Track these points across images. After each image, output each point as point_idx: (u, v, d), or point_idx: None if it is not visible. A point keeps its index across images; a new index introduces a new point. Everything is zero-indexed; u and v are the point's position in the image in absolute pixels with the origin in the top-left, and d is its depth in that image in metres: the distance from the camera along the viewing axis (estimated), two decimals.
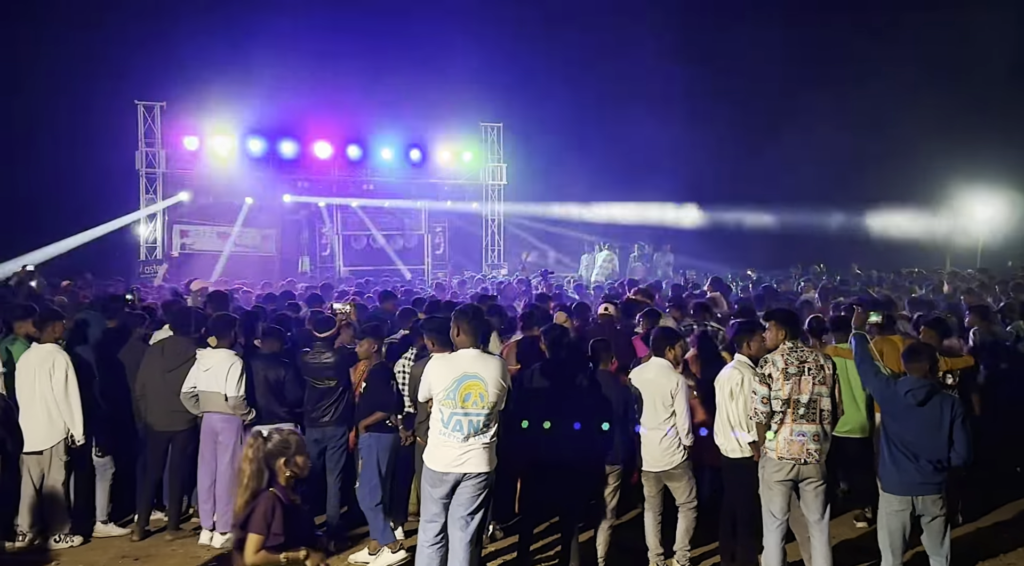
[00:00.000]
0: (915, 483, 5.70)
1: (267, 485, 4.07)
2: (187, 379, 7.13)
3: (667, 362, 6.63)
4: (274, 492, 4.05)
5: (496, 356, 5.82)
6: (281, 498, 4.05)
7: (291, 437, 4.17)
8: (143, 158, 21.46)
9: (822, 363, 6.03)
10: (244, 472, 4.07)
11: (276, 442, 4.12)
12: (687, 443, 6.52)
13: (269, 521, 3.98)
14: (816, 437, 5.95)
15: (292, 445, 4.15)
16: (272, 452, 4.10)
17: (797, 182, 23.48)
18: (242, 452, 4.08)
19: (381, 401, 6.86)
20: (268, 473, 4.08)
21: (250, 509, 4.02)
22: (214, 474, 7.18)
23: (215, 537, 7.15)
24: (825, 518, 6.09)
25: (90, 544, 7.19)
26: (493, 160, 25.31)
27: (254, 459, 4.07)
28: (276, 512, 3.99)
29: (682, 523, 6.65)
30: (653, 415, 6.53)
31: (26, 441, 6.60)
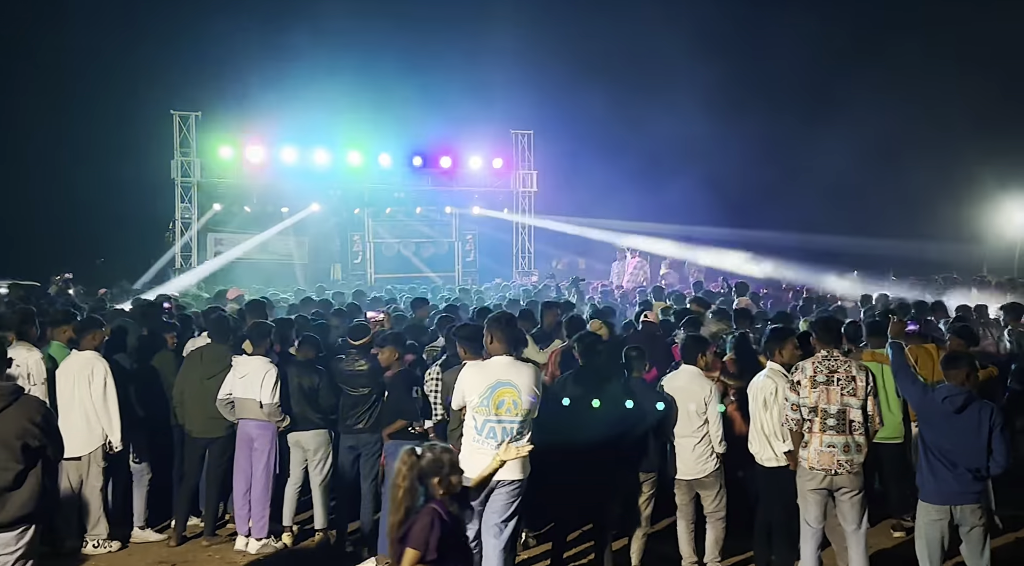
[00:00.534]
0: (953, 492, 5.63)
1: (423, 502, 4.08)
2: (223, 386, 7.20)
3: (698, 369, 6.61)
4: (434, 507, 4.05)
5: (529, 363, 5.83)
6: (441, 513, 4.05)
7: (444, 456, 4.15)
8: (178, 167, 21.73)
9: (854, 374, 5.96)
10: (398, 489, 4.06)
11: (429, 461, 4.10)
12: (719, 451, 6.49)
13: (427, 536, 3.98)
14: (847, 448, 5.90)
15: (446, 464, 4.13)
16: (426, 471, 4.09)
17: (832, 185, 23.28)
18: (394, 469, 4.07)
19: (402, 409, 6.85)
20: (422, 490, 4.08)
21: (409, 524, 4.02)
22: (249, 480, 7.24)
23: (251, 543, 7.20)
24: (862, 527, 6.04)
25: (127, 549, 7.27)
26: (524, 167, 25.34)
27: (408, 477, 4.06)
28: (435, 528, 3.99)
29: (711, 534, 6.61)
30: (686, 423, 6.50)
31: (65, 447, 6.72)
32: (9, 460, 4.68)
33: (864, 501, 6.04)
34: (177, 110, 21.78)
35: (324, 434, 7.44)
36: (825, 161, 23.80)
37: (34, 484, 4.74)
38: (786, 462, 6.18)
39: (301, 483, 7.52)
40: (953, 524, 5.68)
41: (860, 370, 6.00)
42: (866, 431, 5.96)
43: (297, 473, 7.50)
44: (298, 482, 7.51)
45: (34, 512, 4.78)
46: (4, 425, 4.69)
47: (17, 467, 4.69)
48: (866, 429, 5.96)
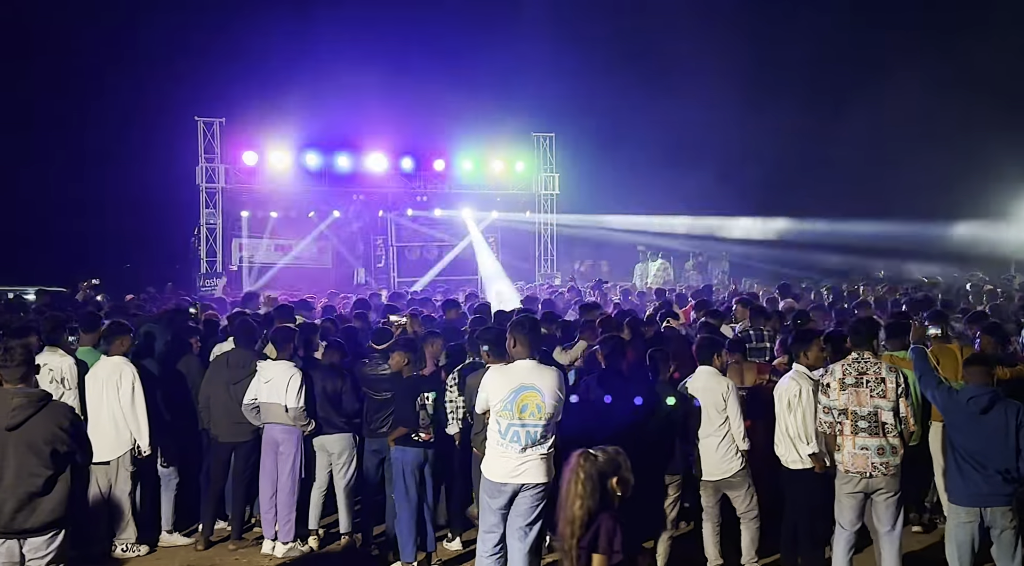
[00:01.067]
0: (983, 494, 5.57)
1: (601, 504, 4.10)
2: (248, 390, 7.24)
3: (714, 369, 6.61)
4: (614, 514, 4.08)
5: (553, 367, 5.81)
6: (618, 518, 4.08)
7: (619, 456, 4.18)
8: (203, 173, 21.94)
9: (883, 376, 5.91)
10: (575, 491, 4.08)
11: (605, 460, 4.13)
12: (743, 447, 6.45)
13: (611, 540, 4.03)
14: (881, 450, 5.86)
15: (621, 464, 4.16)
16: (604, 471, 4.12)
17: (859, 190, 23.11)
18: (570, 472, 4.10)
19: (403, 416, 6.82)
20: (600, 492, 4.10)
21: (595, 529, 4.05)
22: (276, 484, 7.28)
23: (277, 546, 7.24)
24: (896, 530, 6.00)
25: (156, 553, 7.32)
26: (546, 170, 25.36)
27: (587, 479, 4.08)
28: (618, 532, 4.04)
29: (746, 534, 6.57)
30: (708, 423, 6.48)
31: (94, 452, 6.80)
32: (38, 466, 4.74)
33: (900, 503, 6.01)
34: (201, 117, 21.98)
35: (348, 438, 7.46)
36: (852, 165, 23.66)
37: (63, 489, 4.80)
38: (811, 464, 6.14)
39: (326, 487, 7.54)
40: (984, 527, 5.62)
41: (891, 372, 5.94)
42: (901, 433, 5.90)
43: (322, 477, 7.53)
44: (323, 486, 7.54)
45: (63, 517, 4.83)
46: (33, 431, 4.75)
47: (46, 472, 4.75)
48: (901, 431, 5.90)
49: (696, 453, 6.53)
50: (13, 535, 4.76)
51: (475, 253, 24.64)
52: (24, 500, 4.73)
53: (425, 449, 6.79)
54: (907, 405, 5.91)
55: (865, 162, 23.85)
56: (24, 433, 4.74)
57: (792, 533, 6.44)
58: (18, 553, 4.79)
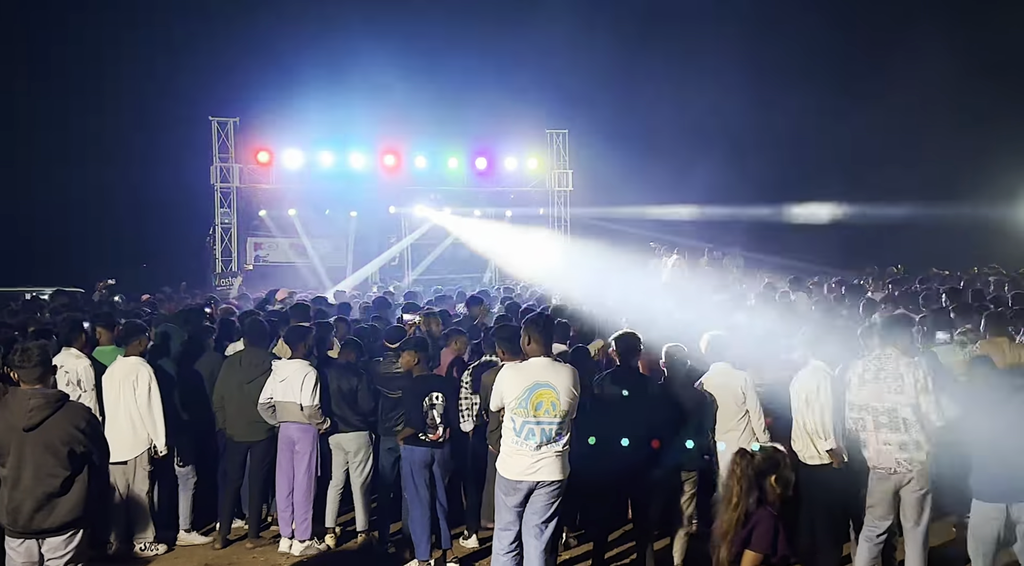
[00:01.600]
0: (1009, 490, 5.52)
1: (757, 503, 4.09)
2: (264, 390, 7.26)
3: (728, 364, 6.60)
4: (772, 513, 4.07)
5: (568, 364, 5.79)
6: (778, 517, 4.06)
7: (778, 454, 4.16)
8: (217, 173, 22.00)
9: (901, 372, 5.86)
10: (732, 490, 4.08)
11: (763, 459, 4.12)
12: (763, 440, 6.39)
13: (772, 539, 4.02)
14: (903, 446, 5.84)
15: (780, 461, 4.14)
16: (761, 469, 4.10)
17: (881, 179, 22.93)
18: (728, 471, 4.13)
19: (411, 416, 6.82)
20: (758, 491, 4.09)
21: (751, 527, 4.05)
22: (292, 483, 7.29)
23: (294, 545, 7.26)
24: (921, 525, 5.95)
25: (174, 552, 7.36)
26: (559, 166, 25.29)
27: (743, 477, 4.08)
28: (781, 532, 4.03)
29: None
30: (727, 418, 6.46)
31: (111, 452, 6.83)
32: (56, 466, 4.77)
33: (927, 499, 5.94)
34: (215, 116, 22.05)
35: (364, 436, 7.47)
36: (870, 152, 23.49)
37: (81, 489, 4.82)
38: (829, 460, 6.09)
39: (343, 485, 7.55)
40: (1009, 523, 5.57)
41: (909, 368, 5.88)
42: (925, 429, 5.83)
43: (339, 475, 7.54)
44: (340, 484, 7.55)
45: (82, 517, 4.86)
46: (50, 431, 4.77)
47: (64, 473, 4.78)
48: (925, 427, 5.83)
49: (715, 449, 6.49)
50: (32, 535, 4.79)
51: None
52: (42, 500, 4.75)
53: (433, 449, 6.79)
54: (930, 401, 5.83)
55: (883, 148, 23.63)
56: (41, 434, 4.76)
57: (810, 529, 6.39)
58: (37, 553, 4.82)
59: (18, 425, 4.76)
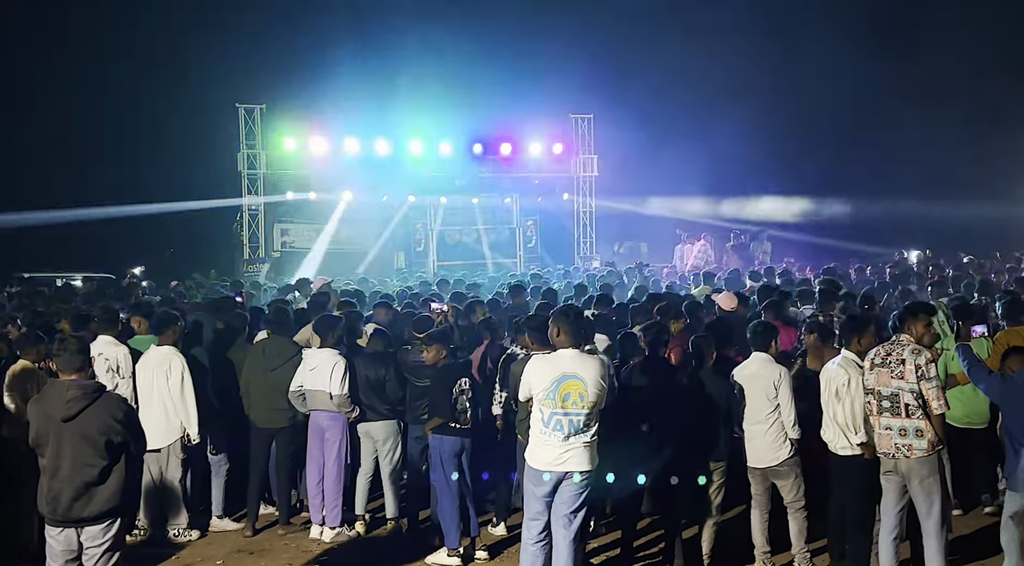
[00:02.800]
0: None
1: None
2: (295, 378, 7.33)
3: (768, 355, 6.52)
4: None
5: (596, 356, 5.80)
6: None
7: None
8: (244, 159, 22.15)
9: (904, 357, 5.80)
10: None
11: None
12: (793, 436, 6.39)
13: None
14: (903, 432, 5.79)
15: None
16: None
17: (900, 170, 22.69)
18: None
19: (438, 405, 6.82)
20: None
21: None
22: (322, 470, 7.36)
23: (325, 531, 7.33)
24: (931, 518, 5.82)
25: (207, 538, 7.46)
26: (584, 152, 25.21)
27: None
28: None
29: (794, 525, 6.51)
30: (757, 410, 6.42)
31: None
32: (94, 456, 4.85)
33: (934, 489, 5.80)
34: (242, 103, 22.17)
35: (393, 425, 7.52)
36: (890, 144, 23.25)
37: (118, 479, 4.91)
38: (860, 451, 6.07)
39: (372, 473, 7.61)
40: None
41: (913, 354, 5.80)
42: (928, 415, 5.76)
43: (368, 463, 7.59)
44: (369, 472, 7.60)
45: (119, 506, 4.95)
46: (88, 422, 4.85)
47: (101, 463, 4.86)
48: (927, 414, 5.76)
49: (742, 440, 6.49)
50: (71, 524, 4.88)
51: (515, 236, 24.59)
52: (80, 490, 4.84)
53: (462, 437, 6.82)
54: (930, 388, 5.75)
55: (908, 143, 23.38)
56: (79, 424, 4.84)
57: (840, 518, 6.38)
58: (76, 541, 4.91)
59: (56, 416, 4.85)
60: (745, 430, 6.51)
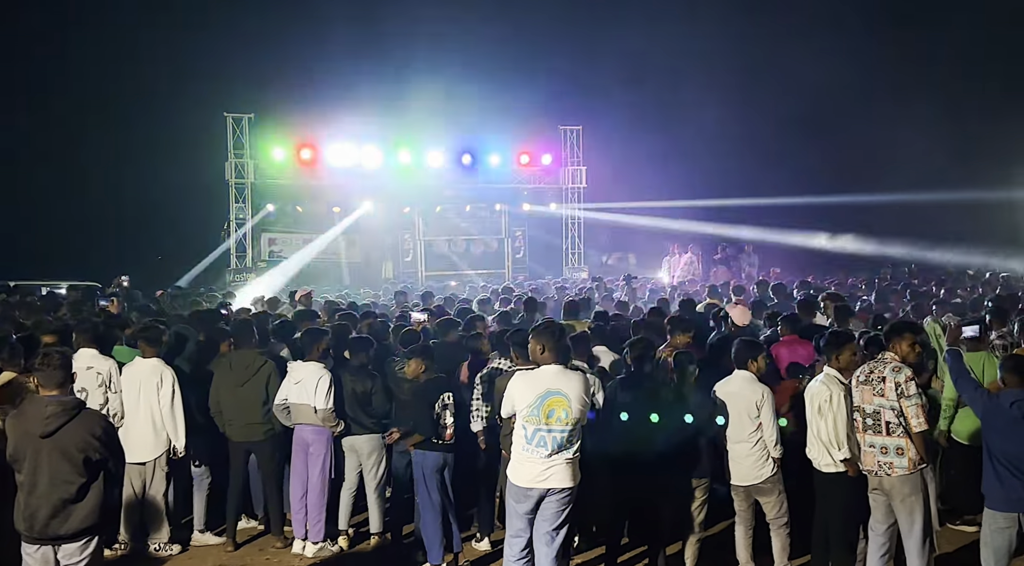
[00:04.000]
0: (1022, 499, 5.50)
1: None
2: (280, 391, 7.29)
3: (751, 374, 6.49)
4: None
5: (579, 372, 5.79)
6: None
7: None
8: (232, 169, 22.09)
9: (885, 375, 5.84)
10: None
11: None
12: (775, 455, 6.39)
13: None
14: (884, 450, 5.83)
15: None
16: None
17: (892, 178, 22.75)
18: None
19: (420, 421, 6.79)
20: None
21: None
22: (306, 485, 7.31)
23: (307, 546, 7.29)
24: (915, 534, 5.85)
25: (188, 552, 7.41)
26: (573, 163, 25.26)
27: None
28: None
29: (776, 542, 6.51)
30: (739, 428, 6.41)
31: (130, 452, 6.82)
32: (72, 473, 4.80)
33: (916, 507, 5.83)
34: (230, 112, 22.12)
35: (378, 439, 7.46)
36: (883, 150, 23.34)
37: (96, 497, 4.86)
38: (845, 468, 6.08)
39: (356, 487, 7.58)
40: (1021, 532, 5.55)
41: (894, 372, 5.83)
42: (908, 434, 5.78)
43: (352, 477, 7.55)
44: (353, 486, 7.57)
45: (97, 524, 4.90)
46: (66, 438, 4.81)
47: (80, 480, 4.82)
48: (908, 432, 5.77)
49: (725, 457, 6.48)
50: (48, 541, 4.84)
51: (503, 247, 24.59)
52: (58, 507, 4.79)
53: (445, 453, 6.79)
54: (909, 406, 5.76)
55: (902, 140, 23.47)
56: (58, 440, 4.80)
57: (824, 536, 6.38)
58: (53, 559, 4.86)
59: (35, 432, 4.80)
60: (728, 449, 6.50)
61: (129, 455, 6.78)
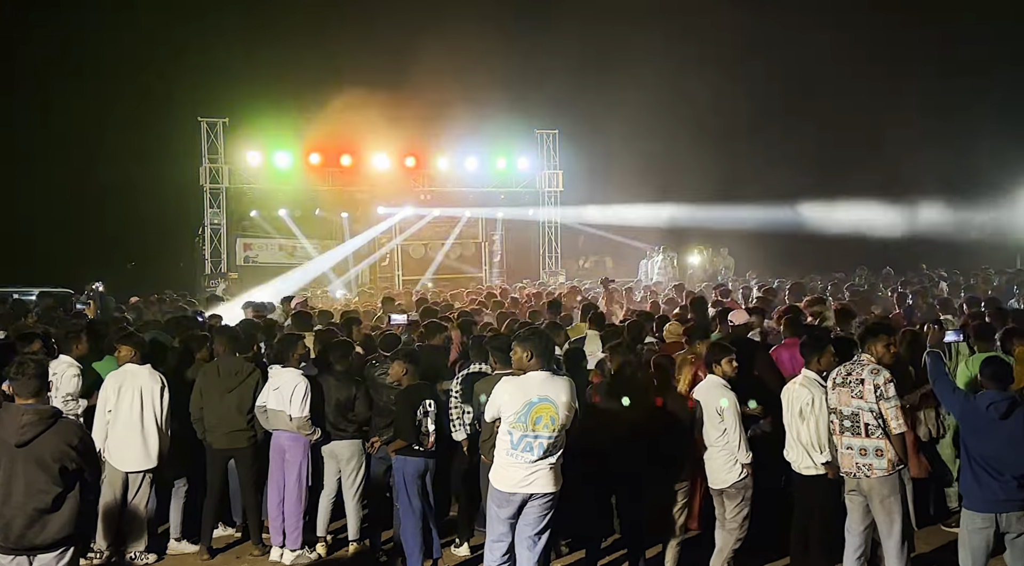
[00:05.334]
0: (999, 500, 5.53)
1: None
2: (260, 396, 7.24)
3: (717, 378, 6.42)
4: None
5: (566, 377, 5.79)
6: None
7: None
8: (207, 173, 21.93)
9: (863, 377, 5.87)
10: None
11: None
12: (743, 460, 6.29)
13: None
14: (863, 451, 5.85)
15: None
16: None
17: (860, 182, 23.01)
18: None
19: (401, 427, 6.73)
20: None
21: None
22: (283, 491, 7.25)
23: (285, 554, 7.22)
24: (894, 535, 5.88)
25: (164, 561, 7.32)
26: (549, 167, 25.28)
27: None
28: None
29: (718, 542, 6.45)
30: (710, 432, 6.37)
31: (120, 460, 6.97)
32: (48, 483, 4.73)
33: (895, 508, 5.85)
34: (204, 117, 21.96)
35: (358, 444, 7.40)
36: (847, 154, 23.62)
37: (73, 506, 4.79)
38: (824, 471, 6.11)
39: (335, 494, 7.51)
40: (998, 532, 5.59)
41: (872, 374, 5.87)
42: (888, 435, 5.81)
43: (331, 484, 7.47)
44: (332, 493, 7.49)
45: (73, 534, 4.83)
46: (42, 448, 4.73)
47: (56, 490, 4.74)
48: (887, 433, 5.81)
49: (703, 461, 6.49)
50: (23, 552, 4.76)
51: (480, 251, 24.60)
52: (34, 517, 4.72)
53: (426, 459, 6.74)
54: (889, 408, 5.80)
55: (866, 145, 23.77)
56: (33, 450, 4.72)
57: (803, 538, 6.41)
58: None
59: (9, 441, 4.72)
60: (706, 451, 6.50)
61: (118, 463, 6.96)
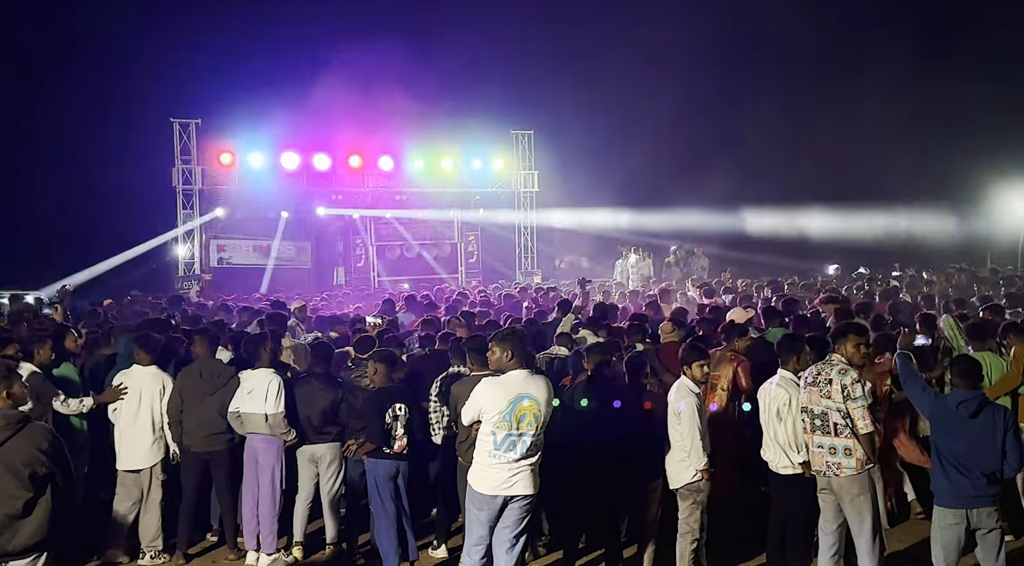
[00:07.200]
0: (969, 496, 5.60)
1: None
2: (233, 400, 7.17)
3: (687, 381, 6.41)
4: None
5: (544, 376, 5.79)
6: None
7: None
8: (179, 175, 21.76)
9: (831, 377, 5.92)
10: None
11: None
12: (697, 465, 6.25)
13: None
14: (832, 450, 5.91)
15: None
16: None
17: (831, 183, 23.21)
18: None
19: (371, 430, 6.67)
20: None
21: None
22: (257, 495, 7.20)
23: (261, 558, 7.16)
24: (864, 533, 5.93)
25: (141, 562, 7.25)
26: (525, 168, 25.29)
27: None
28: None
29: (677, 547, 6.46)
30: (671, 432, 6.37)
31: (128, 460, 7.15)
32: (18, 488, 4.65)
33: (865, 506, 5.91)
34: (177, 118, 21.77)
35: (338, 447, 7.34)
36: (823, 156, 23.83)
37: (44, 512, 4.71)
38: (802, 470, 6.15)
39: (312, 497, 7.45)
40: (969, 528, 5.66)
41: (840, 374, 5.91)
42: (856, 435, 5.86)
43: (308, 487, 7.41)
44: (309, 496, 7.41)
45: (45, 540, 4.75)
46: (11, 453, 4.66)
47: (26, 495, 4.66)
48: (855, 433, 5.86)
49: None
50: None
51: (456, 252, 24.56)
52: (4, 523, 4.63)
53: (397, 461, 6.70)
54: (855, 408, 5.84)
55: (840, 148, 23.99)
56: (2, 455, 4.65)
57: (779, 537, 6.44)
58: None
59: None
60: None
61: (126, 463, 7.17)
